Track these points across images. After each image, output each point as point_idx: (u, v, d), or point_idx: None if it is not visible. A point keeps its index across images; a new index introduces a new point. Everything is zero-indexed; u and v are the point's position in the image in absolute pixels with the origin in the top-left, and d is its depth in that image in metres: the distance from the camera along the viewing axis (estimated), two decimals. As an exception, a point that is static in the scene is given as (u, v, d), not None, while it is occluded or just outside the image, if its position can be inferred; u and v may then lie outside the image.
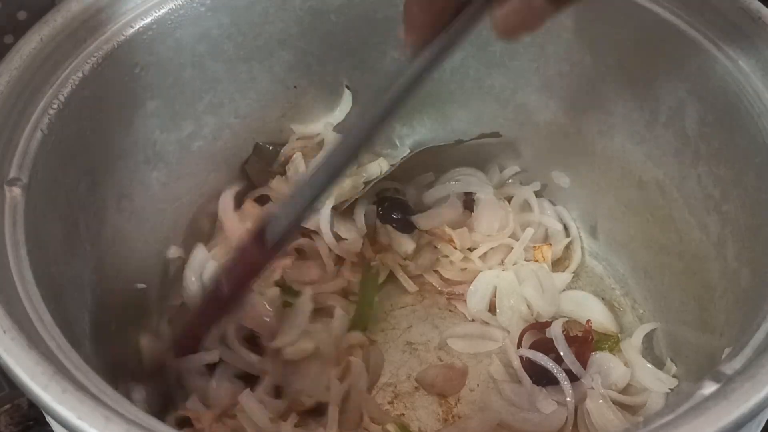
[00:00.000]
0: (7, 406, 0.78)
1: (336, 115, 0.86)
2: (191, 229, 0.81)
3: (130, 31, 0.67)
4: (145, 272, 0.77)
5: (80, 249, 0.66)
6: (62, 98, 0.62)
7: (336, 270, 0.83)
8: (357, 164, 0.86)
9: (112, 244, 0.72)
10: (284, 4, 0.76)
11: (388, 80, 0.52)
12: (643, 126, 0.75)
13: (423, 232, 0.86)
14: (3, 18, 0.73)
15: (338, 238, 0.82)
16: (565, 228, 0.88)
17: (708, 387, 0.46)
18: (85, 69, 0.64)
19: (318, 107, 0.86)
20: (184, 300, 0.79)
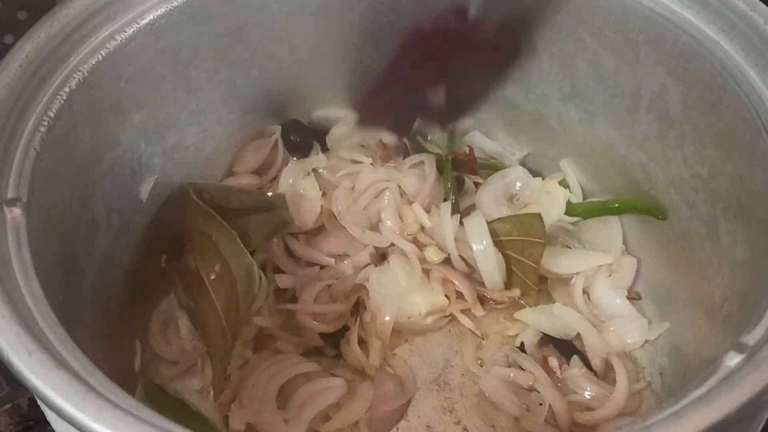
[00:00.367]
0: (7, 406, 0.76)
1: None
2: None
3: (114, 44, 0.66)
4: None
5: (77, 266, 0.66)
6: (51, 114, 0.61)
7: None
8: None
9: (105, 260, 0.71)
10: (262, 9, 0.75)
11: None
12: (624, 111, 0.76)
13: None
14: (3, 18, 0.72)
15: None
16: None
17: (732, 358, 0.47)
18: (72, 84, 0.63)
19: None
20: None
